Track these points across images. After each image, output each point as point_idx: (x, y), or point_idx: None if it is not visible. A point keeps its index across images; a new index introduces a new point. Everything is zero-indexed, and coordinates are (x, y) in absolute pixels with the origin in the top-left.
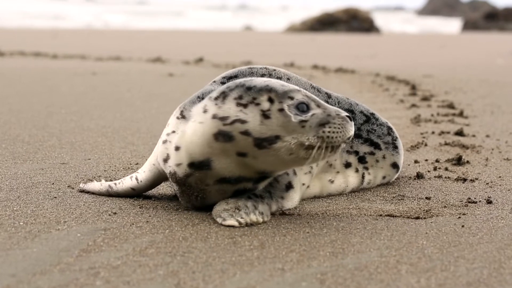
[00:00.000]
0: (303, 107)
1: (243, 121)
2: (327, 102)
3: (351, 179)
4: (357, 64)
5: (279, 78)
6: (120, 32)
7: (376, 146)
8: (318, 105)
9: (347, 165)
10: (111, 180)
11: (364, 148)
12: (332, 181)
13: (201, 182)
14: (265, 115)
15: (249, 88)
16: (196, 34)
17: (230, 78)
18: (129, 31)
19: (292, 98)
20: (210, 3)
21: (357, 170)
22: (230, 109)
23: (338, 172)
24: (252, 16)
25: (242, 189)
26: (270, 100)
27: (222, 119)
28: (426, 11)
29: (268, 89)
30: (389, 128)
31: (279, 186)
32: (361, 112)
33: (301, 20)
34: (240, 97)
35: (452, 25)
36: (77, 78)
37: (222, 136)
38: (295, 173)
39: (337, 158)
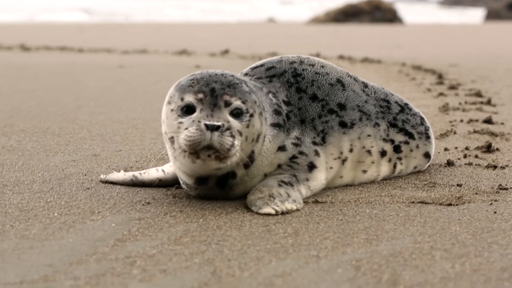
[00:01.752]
0: (189, 110)
1: (163, 120)
2: (363, 91)
3: (383, 168)
4: (383, 54)
5: (312, 65)
6: (145, 26)
7: (410, 136)
8: (202, 110)
9: (383, 153)
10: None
11: (399, 137)
12: (365, 171)
13: (189, 188)
14: (166, 114)
15: (174, 87)
16: (220, 26)
17: (256, 67)
18: (153, 24)
19: (182, 100)
20: None
21: (389, 160)
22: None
23: (373, 162)
24: (274, 7)
25: (225, 176)
26: (169, 102)
27: (162, 120)
28: (448, 1)
29: (175, 89)
30: (422, 118)
31: (301, 167)
32: (396, 102)
33: (324, 11)
34: (169, 96)
35: (475, 15)
36: (104, 72)
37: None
38: (317, 154)
39: (374, 145)
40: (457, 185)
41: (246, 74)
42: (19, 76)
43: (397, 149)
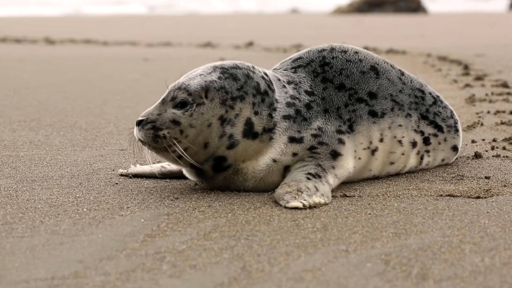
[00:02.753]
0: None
1: None
2: (400, 79)
3: (411, 160)
4: (408, 45)
5: (344, 51)
6: (168, 18)
7: (440, 128)
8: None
9: (414, 144)
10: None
11: (429, 129)
12: (392, 163)
13: (201, 183)
14: None
15: None
16: (243, 18)
17: (284, 61)
18: (176, 17)
19: None
20: None
21: (418, 152)
22: None
23: (403, 153)
24: None
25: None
26: None
27: None
28: None
29: None
30: (452, 111)
31: (323, 156)
32: (430, 93)
33: (348, 1)
34: None
35: (499, 3)
36: (129, 65)
37: None
38: (341, 142)
39: (405, 136)
40: (485, 177)
41: (274, 69)
42: (45, 70)
43: (426, 141)
